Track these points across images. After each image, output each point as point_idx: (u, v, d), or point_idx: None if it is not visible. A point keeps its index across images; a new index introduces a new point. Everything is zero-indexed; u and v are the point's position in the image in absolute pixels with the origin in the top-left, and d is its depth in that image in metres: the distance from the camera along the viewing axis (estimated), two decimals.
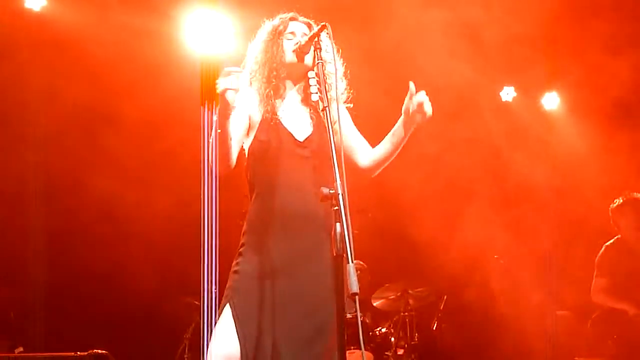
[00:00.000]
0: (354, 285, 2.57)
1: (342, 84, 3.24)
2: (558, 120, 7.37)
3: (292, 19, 3.26)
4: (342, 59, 3.25)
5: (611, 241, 5.82)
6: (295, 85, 3.26)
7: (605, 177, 6.59)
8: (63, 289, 5.85)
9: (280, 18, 3.26)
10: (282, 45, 3.20)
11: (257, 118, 3.18)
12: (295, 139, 3.14)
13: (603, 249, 5.81)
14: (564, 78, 7.10)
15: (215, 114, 2.94)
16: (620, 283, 5.66)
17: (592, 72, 6.69)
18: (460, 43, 6.65)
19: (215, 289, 5.00)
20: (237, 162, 3.17)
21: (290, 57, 3.18)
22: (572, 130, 7.23)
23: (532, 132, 7.29)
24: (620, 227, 5.78)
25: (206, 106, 5.14)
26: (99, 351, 4.66)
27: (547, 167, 7.12)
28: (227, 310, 3.03)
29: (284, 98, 3.22)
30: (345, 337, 2.76)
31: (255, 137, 3.15)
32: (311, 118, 3.21)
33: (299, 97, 3.26)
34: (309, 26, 3.24)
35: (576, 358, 5.81)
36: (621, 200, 5.79)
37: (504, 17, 6.41)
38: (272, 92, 3.17)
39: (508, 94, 7.39)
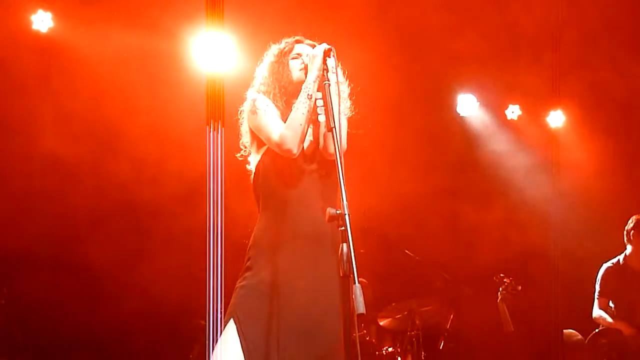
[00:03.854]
0: (360, 306, 2.58)
1: (346, 103, 3.26)
2: (563, 138, 7.37)
3: (297, 41, 3.31)
4: (347, 80, 3.28)
5: (612, 262, 5.80)
6: None
7: (611, 194, 6.59)
8: (69, 308, 5.83)
9: (286, 41, 3.31)
10: (288, 64, 3.25)
11: None
12: (304, 152, 3.16)
13: (604, 269, 5.79)
14: (570, 96, 7.12)
15: (312, 80, 3.05)
16: (620, 304, 5.65)
17: (598, 89, 6.71)
18: (465, 61, 6.71)
19: (221, 308, 4.98)
20: (242, 178, 3.20)
21: (297, 76, 3.22)
22: (577, 148, 7.23)
23: (537, 150, 7.29)
24: (633, 245, 5.73)
25: (212, 126, 5.16)
26: None
27: (552, 185, 7.10)
28: (231, 325, 3.04)
29: None
30: (352, 357, 2.76)
31: (266, 150, 3.18)
32: (317, 135, 3.22)
33: None
34: (314, 47, 3.27)
35: None
36: (636, 221, 5.72)
37: (509, 35, 6.45)
38: (283, 109, 3.20)
39: (513, 112, 7.40)
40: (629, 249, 5.77)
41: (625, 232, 5.77)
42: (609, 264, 5.83)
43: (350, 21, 6.05)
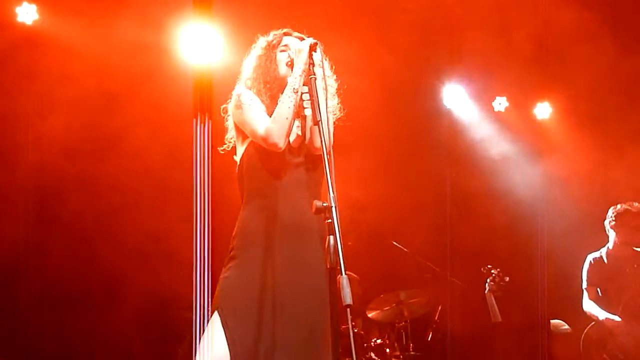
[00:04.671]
0: (347, 297, 2.59)
1: (334, 101, 3.27)
2: (550, 130, 7.41)
3: (285, 34, 3.30)
4: (335, 74, 3.28)
5: (597, 254, 5.87)
6: None
7: (597, 186, 6.62)
8: (55, 304, 5.82)
9: (274, 34, 3.31)
10: (275, 58, 3.24)
11: None
12: (290, 145, 3.16)
13: (589, 260, 5.87)
14: (556, 88, 7.15)
15: (298, 74, 3.05)
16: (608, 293, 5.71)
17: (584, 81, 6.74)
18: (452, 53, 6.72)
19: (208, 301, 4.98)
20: (229, 171, 3.20)
21: (284, 70, 3.22)
22: (564, 140, 7.27)
23: (524, 142, 7.33)
24: (617, 234, 5.80)
25: (198, 118, 5.15)
26: None
27: (539, 176, 7.15)
28: (216, 317, 3.04)
29: None
30: (340, 349, 2.77)
31: (251, 142, 3.18)
32: (303, 129, 3.22)
33: None
34: (302, 40, 3.26)
35: None
36: (622, 209, 5.79)
37: (496, 28, 6.47)
38: (268, 103, 3.19)
39: (500, 104, 7.43)
40: (611, 239, 5.86)
41: (606, 224, 5.86)
42: (594, 255, 5.90)
43: (338, 13, 6.05)
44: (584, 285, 5.85)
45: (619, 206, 5.82)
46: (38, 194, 5.83)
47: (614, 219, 5.81)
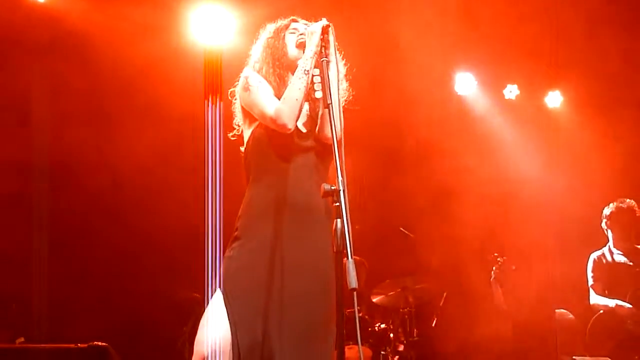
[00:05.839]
0: (352, 281, 2.58)
1: (343, 85, 3.25)
2: (561, 119, 7.38)
3: (293, 20, 3.29)
4: (344, 60, 3.27)
5: (599, 252, 5.88)
6: None
7: (607, 175, 6.61)
8: (65, 281, 5.86)
9: (282, 21, 3.29)
10: (284, 38, 3.22)
11: None
12: (298, 129, 3.14)
13: (592, 258, 5.88)
14: (567, 76, 7.11)
15: (310, 56, 3.03)
16: (614, 290, 5.73)
17: (595, 70, 6.70)
18: (463, 41, 6.69)
19: (219, 282, 5.00)
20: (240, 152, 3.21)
21: (292, 51, 3.20)
22: (574, 128, 7.24)
23: (535, 130, 7.31)
24: (613, 233, 5.84)
25: (210, 100, 5.15)
26: (99, 343, 4.67)
27: (549, 165, 7.13)
28: (218, 295, 3.03)
29: None
30: (344, 332, 2.78)
31: (259, 124, 3.16)
32: (313, 112, 3.21)
33: None
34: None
35: (574, 357, 5.84)
36: (614, 208, 5.83)
37: (508, 15, 6.43)
38: (276, 84, 3.17)
39: (511, 91, 7.40)
40: (610, 238, 5.90)
41: (602, 226, 5.89)
42: (597, 253, 5.93)
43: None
44: (590, 282, 5.87)
45: (610, 205, 5.89)
46: (49, 174, 5.86)
47: (607, 218, 5.87)
